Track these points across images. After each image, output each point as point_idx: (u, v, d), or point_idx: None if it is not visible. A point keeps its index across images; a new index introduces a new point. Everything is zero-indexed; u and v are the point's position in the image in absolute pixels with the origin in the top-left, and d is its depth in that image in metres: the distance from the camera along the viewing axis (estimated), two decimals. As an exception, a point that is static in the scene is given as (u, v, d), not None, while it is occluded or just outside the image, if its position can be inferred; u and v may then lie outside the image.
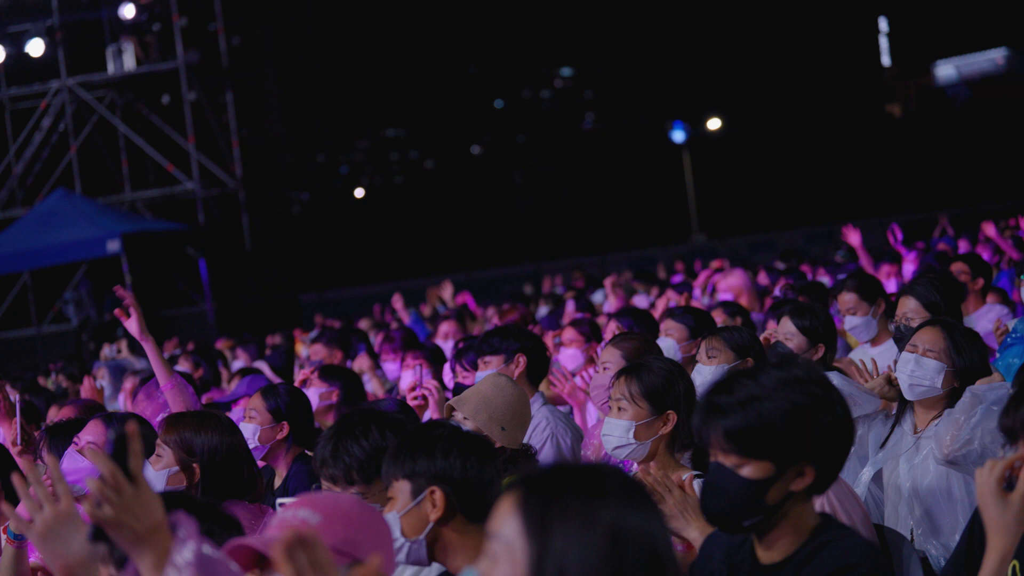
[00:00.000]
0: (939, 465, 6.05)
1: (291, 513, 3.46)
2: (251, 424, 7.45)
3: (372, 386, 12.05)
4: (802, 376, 3.80)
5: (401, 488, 4.48)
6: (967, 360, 6.17)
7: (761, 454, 3.76)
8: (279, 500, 4.82)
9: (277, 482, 7.43)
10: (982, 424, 5.77)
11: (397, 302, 21.18)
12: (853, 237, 14.85)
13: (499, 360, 8.24)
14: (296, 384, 8.78)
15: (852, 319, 9.22)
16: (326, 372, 9.10)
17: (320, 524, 3.37)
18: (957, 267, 10.52)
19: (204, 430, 6.09)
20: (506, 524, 2.96)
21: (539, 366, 8.39)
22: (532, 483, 2.99)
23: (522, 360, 8.24)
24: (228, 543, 3.42)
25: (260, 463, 7.52)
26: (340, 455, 4.97)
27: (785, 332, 7.91)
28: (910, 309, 8.16)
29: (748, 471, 3.78)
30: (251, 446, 7.33)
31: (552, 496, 2.93)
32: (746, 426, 3.75)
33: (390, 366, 11.96)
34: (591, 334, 9.70)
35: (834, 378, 6.32)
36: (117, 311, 7.87)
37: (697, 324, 8.54)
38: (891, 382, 6.64)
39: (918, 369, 6.21)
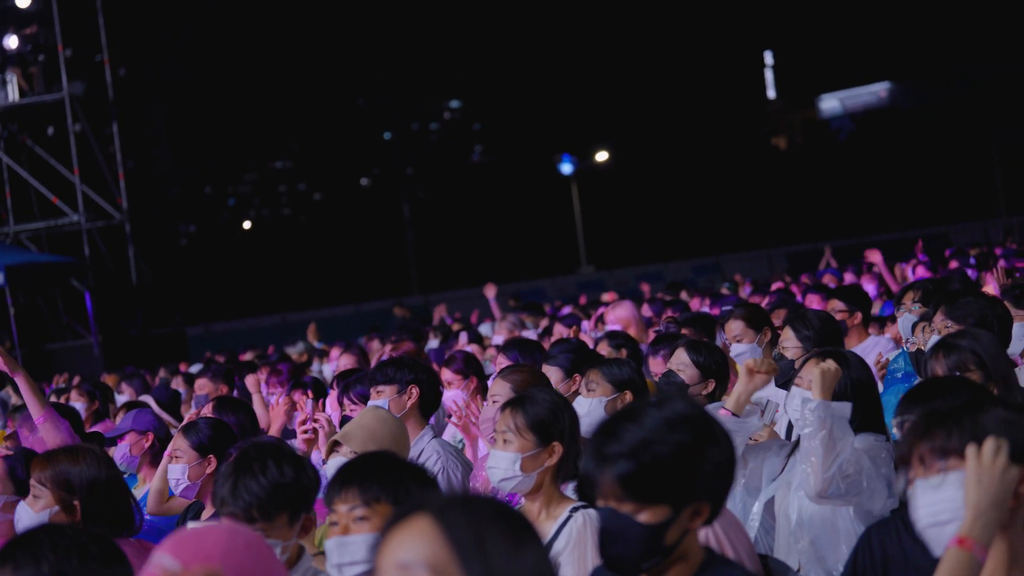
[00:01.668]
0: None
1: (154, 560, 3.39)
2: (179, 464, 7.37)
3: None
4: (684, 413, 3.79)
5: (385, 512, 4.48)
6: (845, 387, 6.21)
7: (657, 499, 3.74)
8: (190, 524, 4.77)
9: (205, 515, 7.35)
10: (840, 460, 5.78)
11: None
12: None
13: (392, 390, 8.20)
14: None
15: (738, 347, 9.31)
16: (220, 406, 9.01)
17: (181, 572, 3.29)
18: (832, 305, 10.59)
19: (80, 463, 5.99)
20: (424, 550, 2.83)
21: (431, 399, 8.38)
22: (450, 508, 2.90)
23: (415, 392, 8.20)
24: None
25: (192, 499, 7.54)
26: (239, 493, 4.86)
27: (678, 363, 7.97)
28: (786, 339, 8.29)
29: (646, 516, 3.75)
30: (182, 486, 7.35)
31: (480, 520, 2.87)
32: (640, 474, 3.72)
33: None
34: (467, 369, 9.67)
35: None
36: (-7, 343, 7.82)
37: (572, 364, 8.53)
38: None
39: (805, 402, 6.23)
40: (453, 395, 9.41)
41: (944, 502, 3.72)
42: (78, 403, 12.28)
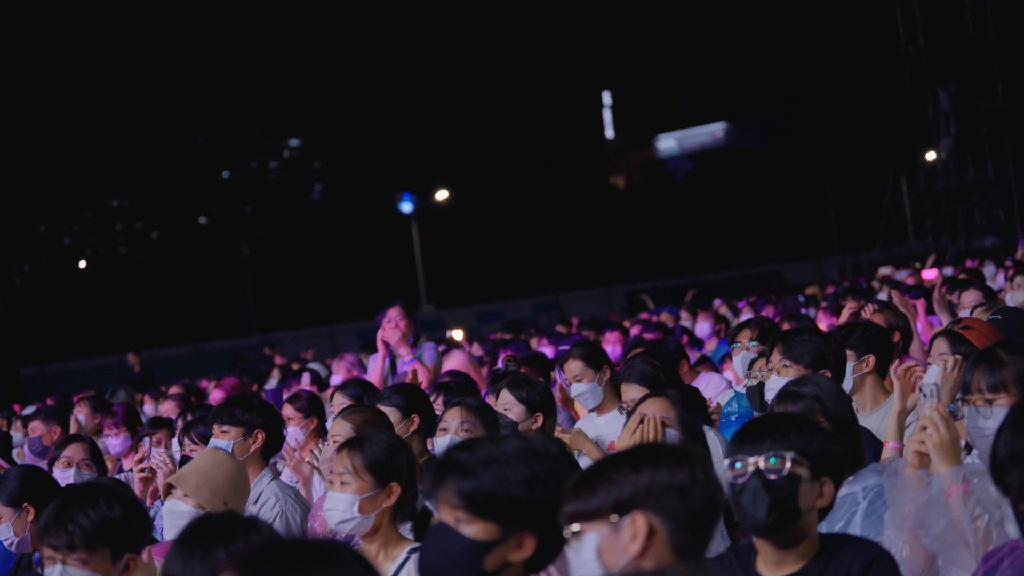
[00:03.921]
0: None
1: None
2: (3, 523, 7.06)
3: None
4: (541, 449, 3.85)
5: None
6: (696, 424, 6.29)
7: (488, 515, 3.76)
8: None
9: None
10: None
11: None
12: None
13: (238, 432, 8.08)
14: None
15: (578, 386, 9.36)
16: (63, 447, 8.87)
17: None
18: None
19: None
20: None
21: (275, 443, 8.30)
22: (251, 561, 2.91)
23: (260, 437, 8.11)
24: None
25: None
26: (63, 523, 4.79)
27: (504, 403, 8.02)
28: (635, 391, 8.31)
29: (472, 531, 3.76)
30: (13, 543, 7.08)
31: (279, 568, 2.87)
32: (479, 485, 3.75)
33: (112, 441, 11.75)
34: (309, 409, 9.61)
35: None
36: None
37: (408, 404, 8.50)
38: None
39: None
40: (291, 432, 9.37)
41: (582, 565, 3.68)
42: None
